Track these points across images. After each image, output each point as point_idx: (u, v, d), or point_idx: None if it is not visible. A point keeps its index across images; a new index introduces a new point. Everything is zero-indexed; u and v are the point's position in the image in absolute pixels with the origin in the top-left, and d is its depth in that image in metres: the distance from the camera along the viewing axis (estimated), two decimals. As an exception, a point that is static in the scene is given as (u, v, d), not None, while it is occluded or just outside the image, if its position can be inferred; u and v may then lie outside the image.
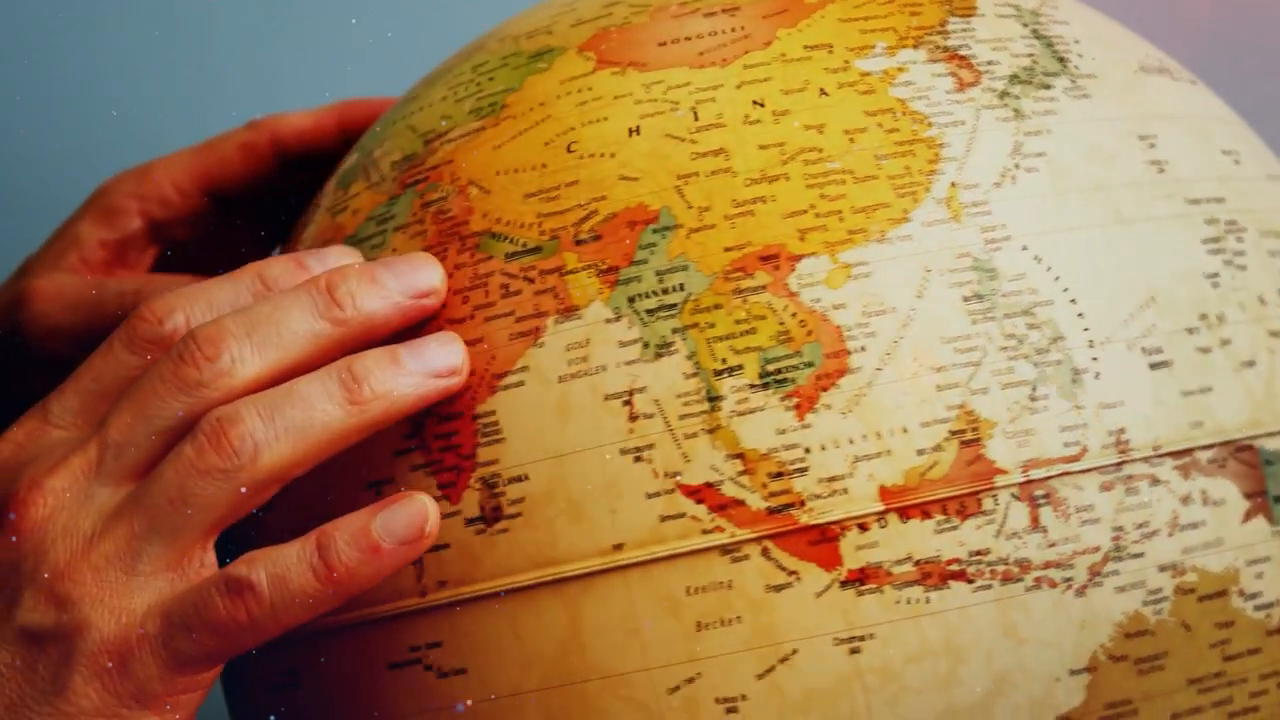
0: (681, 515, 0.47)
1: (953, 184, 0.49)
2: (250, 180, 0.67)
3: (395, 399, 0.49)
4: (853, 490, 0.46)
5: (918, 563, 0.46)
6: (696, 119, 0.50)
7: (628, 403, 0.48)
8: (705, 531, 0.47)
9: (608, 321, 0.48)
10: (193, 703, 0.50)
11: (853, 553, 0.46)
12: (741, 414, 0.47)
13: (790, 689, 0.47)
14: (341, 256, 0.53)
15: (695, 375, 0.48)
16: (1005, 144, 0.50)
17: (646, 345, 0.48)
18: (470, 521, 0.49)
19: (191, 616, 0.48)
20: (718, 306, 0.48)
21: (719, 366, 0.48)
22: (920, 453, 0.47)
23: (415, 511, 0.49)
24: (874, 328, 0.47)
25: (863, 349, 0.47)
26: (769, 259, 0.48)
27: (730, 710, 0.47)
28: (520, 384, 0.49)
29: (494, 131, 0.52)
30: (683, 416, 0.47)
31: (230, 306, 0.51)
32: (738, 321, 0.48)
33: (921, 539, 0.46)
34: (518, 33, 0.55)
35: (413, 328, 0.51)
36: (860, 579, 0.46)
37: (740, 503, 0.47)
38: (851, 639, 0.46)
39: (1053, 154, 0.50)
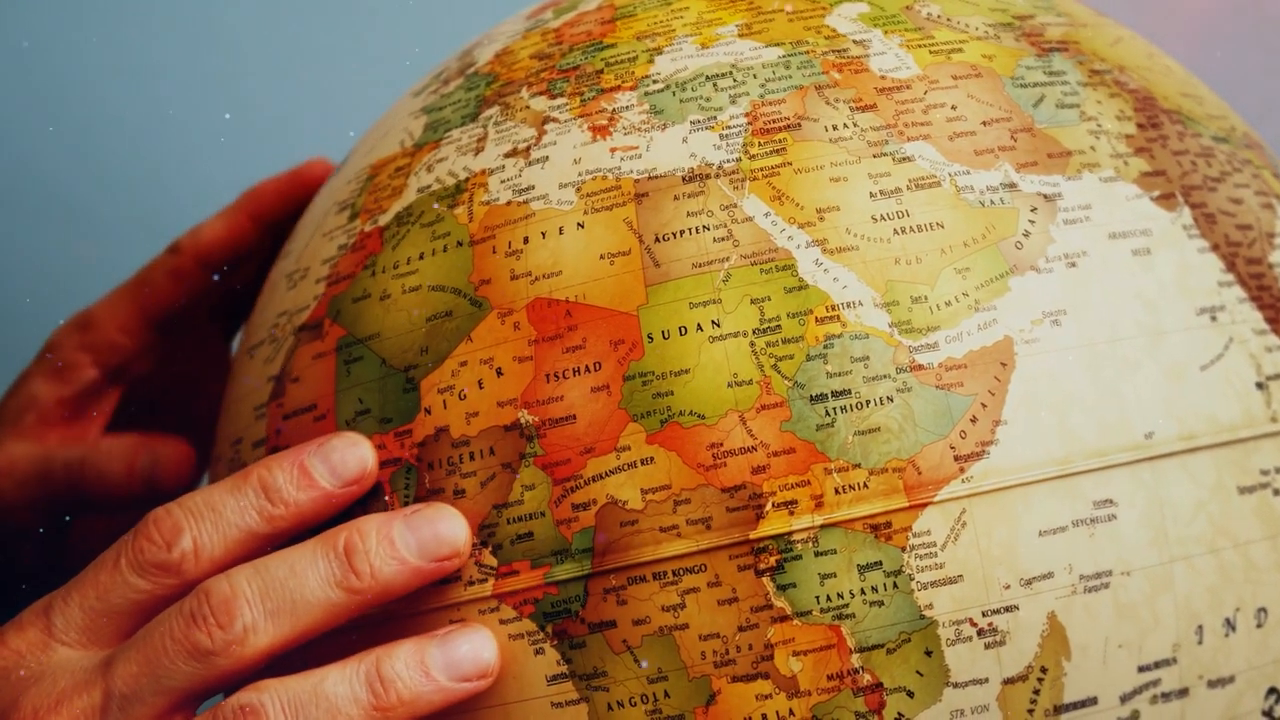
0: None
1: None
2: (188, 301, 0.68)
3: (421, 706, 0.48)
4: None
5: None
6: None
7: None
8: None
9: None
10: None
11: None
12: None
13: None
14: (342, 450, 0.50)
15: None
16: None
17: None
18: None
19: None
20: None
21: None
22: None
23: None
24: None
25: None
26: None
27: None
28: None
29: (1084, 31, 0.56)
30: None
31: (237, 527, 0.49)
32: None
33: None
34: None
35: None
36: None
37: None
38: None
39: None
